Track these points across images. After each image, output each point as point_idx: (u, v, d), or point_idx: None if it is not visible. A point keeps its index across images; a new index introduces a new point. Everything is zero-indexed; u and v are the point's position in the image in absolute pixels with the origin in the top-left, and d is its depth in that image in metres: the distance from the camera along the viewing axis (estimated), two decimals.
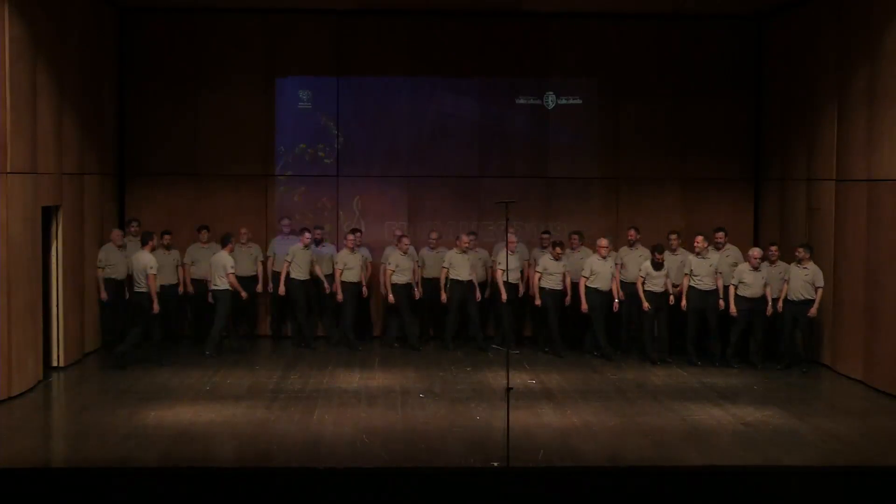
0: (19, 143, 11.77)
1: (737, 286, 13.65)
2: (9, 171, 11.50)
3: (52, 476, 8.87)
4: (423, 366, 13.66)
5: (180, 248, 14.75)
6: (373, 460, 9.39)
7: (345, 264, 14.55)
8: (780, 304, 13.48)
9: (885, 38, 12.37)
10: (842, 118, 13.45)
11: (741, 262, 14.02)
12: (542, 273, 14.16)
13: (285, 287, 14.57)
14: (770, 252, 13.66)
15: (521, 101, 16.08)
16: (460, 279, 14.58)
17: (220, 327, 14.03)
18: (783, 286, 13.46)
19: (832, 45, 13.69)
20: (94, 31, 14.39)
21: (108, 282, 14.14)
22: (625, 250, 14.59)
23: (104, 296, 14.14)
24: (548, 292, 14.16)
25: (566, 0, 15.40)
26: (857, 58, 13.05)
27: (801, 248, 13.45)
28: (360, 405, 11.47)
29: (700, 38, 16.06)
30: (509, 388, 9.70)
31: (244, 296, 14.06)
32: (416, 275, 14.82)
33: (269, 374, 12.94)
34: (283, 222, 15.28)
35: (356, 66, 15.89)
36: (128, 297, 14.37)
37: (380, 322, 15.66)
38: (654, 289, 13.88)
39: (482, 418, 10.92)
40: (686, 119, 16.08)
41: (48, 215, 12.88)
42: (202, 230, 14.80)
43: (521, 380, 12.72)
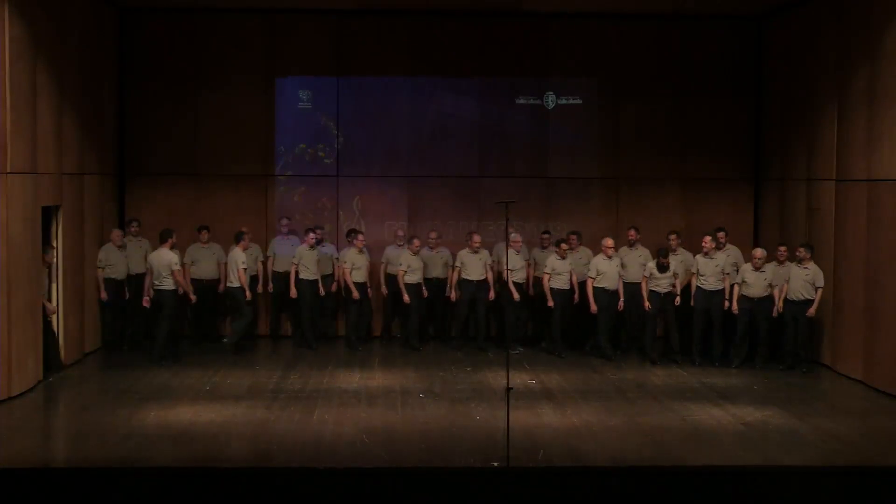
0: (19, 143, 11.77)
1: (740, 285, 13.68)
2: (9, 171, 11.50)
3: (52, 476, 8.86)
4: (423, 366, 13.66)
5: (180, 248, 14.74)
6: (373, 460, 9.38)
7: (353, 264, 14.57)
8: (780, 304, 13.48)
9: (885, 38, 12.37)
10: (842, 118, 13.45)
11: (741, 262, 14.05)
12: (551, 273, 14.17)
13: (296, 288, 14.59)
14: (779, 252, 13.64)
15: (521, 101, 16.09)
16: (471, 279, 14.61)
17: (245, 323, 14.20)
18: (784, 286, 13.48)
19: (832, 45, 13.69)
20: (94, 31, 14.38)
21: (108, 282, 14.15)
22: (624, 250, 14.58)
23: (104, 296, 14.15)
24: (556, 292, 14.15)
25: (566, 0, 15.40)
26: (857, 58, 13.05)
27: (801, 248, 13.45)
28: (360, 405, 11.47)
29: (700, 38, 16.06)
30: (509, 388, 9.70)
31: (248, 296, 14.07)
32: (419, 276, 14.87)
33: (269, 374, 12.94)
34: (283, 222, 15.28)
35: (356, 66, 15.89)
36: (127, 297, 14.40)
37: (380, 322, 15.66)
38: (658, 289, 13.88)
39: (482, 418, 10.92)
40: (686, 119, 16.08)
41: (48, 215, 12.88)
42: (202, 230, 14.80)
43: (521, 380, 12.72)
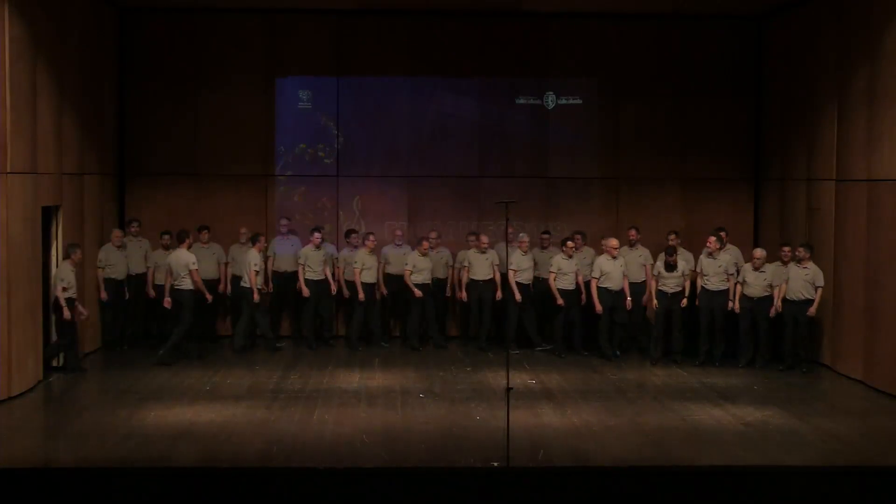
0: (19, 143, 11.77)
1: (741, 285, 13.69)
2: (9, 171, 11.50)
3: (52, 476, 8.86)
4: (423, 366, 13.66)
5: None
6: (373, 460, 9.38)
7: (363, 264, 14.58)
8: (778, 304, 13.48)
9: (885, 38, 12.37)
10: (842, 118, 13.45)
11: (741, 262, 14.06)
12: (557, 273, 14.17)
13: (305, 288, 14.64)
14: (782, 252, 13.63)
15: (521, 101, 16.08)
16: (477, 279, 14.61)
17: (264, 324, 14.33)
18: (783, 285, 13.48)
19: (832, 45, 13.69)
20: (94, 31, 14.38)
21: (108, 282, 14.15)
22: (625, 250, 14.58)
23: (104, 296, 14.15)
24: (562, 292, 14.14)
25: (566, 0, 15.40)
26: (857, 58, 13.05)
27: (800, 248, 13.45)
28: (360, 405, 11.47)
29: (700, 38, 16.06)
30: (509, 388, 9.70)
31: (256, 297, 14.12)
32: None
33: (269, 374, 12.93)
34: (282, 222, 15.27)
35: (356, 66, 15.89)
36: (127, 297, 14.40)
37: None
38: (665, 289, 13.89)
39: (482, 418, 10.92)
40: (686, 119, 16.08)
41: (48, 215, 12.88)
42: (203, 230, 14.79)
43: (521, 380, 12.71)
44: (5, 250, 11.43)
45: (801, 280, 13.32)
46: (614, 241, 14.13)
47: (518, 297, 14.28)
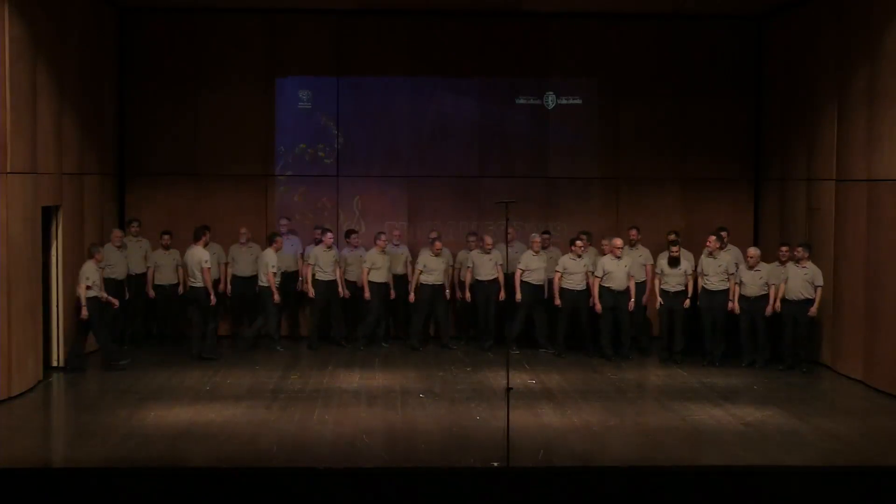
0: (19, 143, 11.77)
1: (739, 285, 13.70)
2: (9, 171, 11.50)
3: (52, 476, 8.86)
4: (423, 366, 13.66)
5: (180, 248, 14.75)
6: (373, 460, 9.39)
7: (373, 264, 14.59)
8: (777, 304, 13.48)
9: (885, 38, 12.37)
10: (842, 118, 13.45)
11: (742, 262, 14.06)
12: (563, 272, 14.16)
13: (312, 288, 14.66)
14: (780, 252, 13.64)
15: (521, 101, 16.08)
16: (482, 279, 14.60)
17: (273, 324, 14.35)
18: (781, 285, 13.47)
19: (832, 45, 13.69)
20: (94, 31, 14.38)
21: (108, 282, 14.11)
22: (625, 250, 14.57)
23: (104, 296, 14.11)
24: (569, 292, 14.07)
25: (566, 0, 15.40)
26: (857, 58, 13.05)
27: (799, 248, 13.45)
28: (360, 405, 11.47)
29: (700, 38, 16.06)
30: (509, 388, 9.70)
31: (277, 299, 14.20)
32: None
33: (269, 374, 12.94)
34: (282, 222, 15.28)
35: (356, 66, 15.89)
36: (127, 297, 14.39)
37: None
38: (668, 287, 13.88)
39: (482, 418, 10.92)
40: (686, 119, 16.08)
41: (48, 215, 12.88)
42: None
43: (521, 380, 12.71)
44: (5, 250, 11.43)
45: (800, 280, 13.32)
46: (619, 241, 14.13)
47: (519, 296, 14.25)
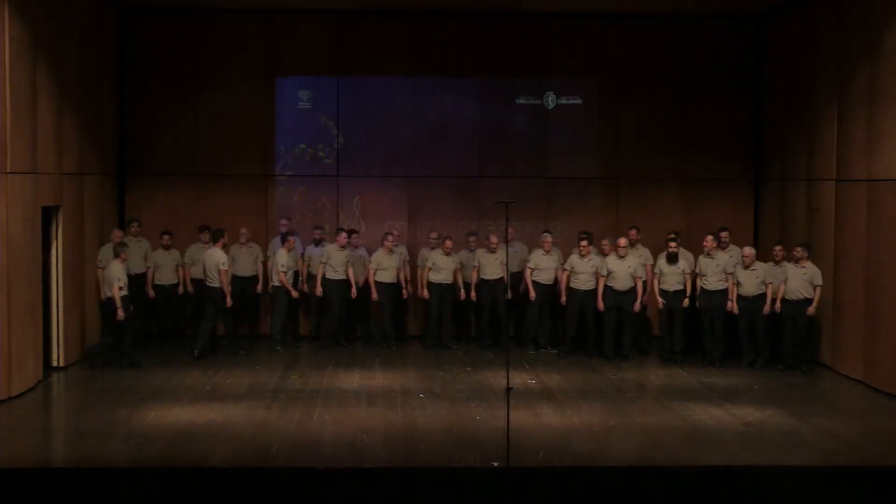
0: (19, 143, 11.77)
1: (736, 285, 13.71)
2: (9, 171, 11.50)
3: (52, 476, 8.86)
4: (423, 366, 13.67)
5: (180, 248, 14.76)
6: (373, 460, 9.39)
7: (378, 264, 14.62)
8: (777, 304, 13.48)
9: (885, 38, 12.37)
10: (842, 118, 13.45)
11: (741, 262, 14.07)
12: (570, 272, 14.16)
13: (321, 288, 14.69)
14: (775, 252, 13.64)
15: (521, 101, 16.08)
16: (488, 278, 14.62)
17: (279, 323, 14.49)
18: (781, 286, 13.47)
19: (832, 45, 13.69)
20: (94, 31, 14.38)
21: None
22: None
23: (104, 296, 14.12)
24: (576, 292, 14.05)
25: (566, 0, 15.40)
26: (857, 58, 13.04)
27: (798, 248, 13.45)
28: (360, 405, 11.47)
29: (700, 38, 16.05)
30: (509, 388, 9.70)
31: (294, 294, 14.45)
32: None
33: (269, 374, 12.93)
34: (282, 222, 15.27)
35: (356, 66, 15.89)
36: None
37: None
38: (666, 287, 13.88)
39: (482, 418, 10.92)
40: (686, 119, 16.08)
41: (48, 215, 12.88)
42: (203, 231, 14.78)
43: (521, 380, 12.72)
44: (5, 250, 11.43)
45: (799, 279, 13.32)
46: (623, 241, 14.13)
47: (532, 294, 14.27)
